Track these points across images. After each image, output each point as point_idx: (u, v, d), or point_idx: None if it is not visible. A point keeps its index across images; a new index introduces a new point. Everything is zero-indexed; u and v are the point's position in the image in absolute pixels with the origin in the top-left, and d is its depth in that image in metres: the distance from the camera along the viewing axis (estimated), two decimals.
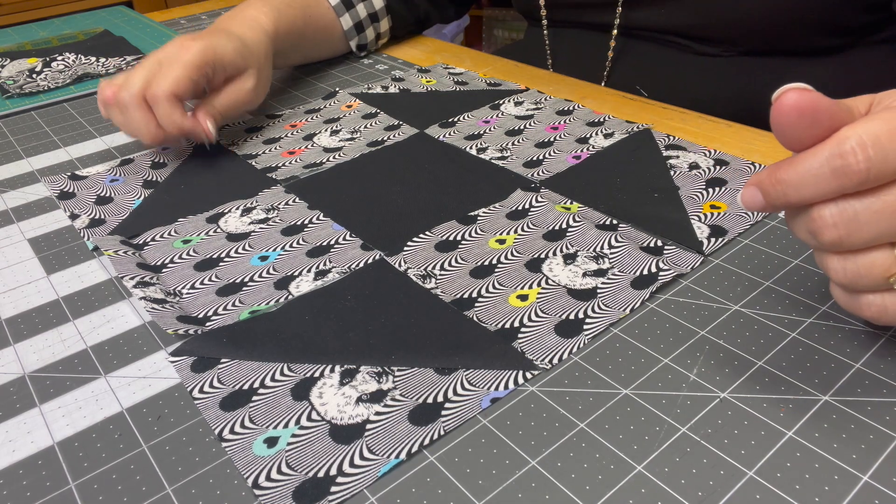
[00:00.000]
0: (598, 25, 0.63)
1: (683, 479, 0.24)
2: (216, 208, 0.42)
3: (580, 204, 0.40)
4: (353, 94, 0.58)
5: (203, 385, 0.29)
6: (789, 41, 0.54)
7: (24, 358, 0.31)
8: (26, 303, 0.35)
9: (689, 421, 0.26)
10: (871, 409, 0.26)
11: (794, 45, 0.54)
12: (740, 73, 0.56)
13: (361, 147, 0.49)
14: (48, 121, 0.57)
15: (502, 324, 0.31)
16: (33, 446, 0.27)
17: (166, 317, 0.32)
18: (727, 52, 0.56)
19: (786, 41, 0.54)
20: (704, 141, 0.46)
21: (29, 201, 0.45)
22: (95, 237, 0.39)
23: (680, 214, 0.38)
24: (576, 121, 0.50)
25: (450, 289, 0.34)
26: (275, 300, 0.34)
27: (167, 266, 0.37)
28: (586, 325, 0.31)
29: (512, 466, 0.25)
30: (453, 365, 0.29)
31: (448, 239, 0.37)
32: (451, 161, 0.46)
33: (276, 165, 0.47)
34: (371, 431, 0.26)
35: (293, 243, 0.38)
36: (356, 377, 0.29)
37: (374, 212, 0.40)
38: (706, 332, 0.30)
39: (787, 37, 0.54)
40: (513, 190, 0.41)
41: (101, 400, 0.29)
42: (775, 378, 0.28)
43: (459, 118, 0.52)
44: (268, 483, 0.24)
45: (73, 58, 0.68)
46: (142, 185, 0.45)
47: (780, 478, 0.24)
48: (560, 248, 0.36)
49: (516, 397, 0.27)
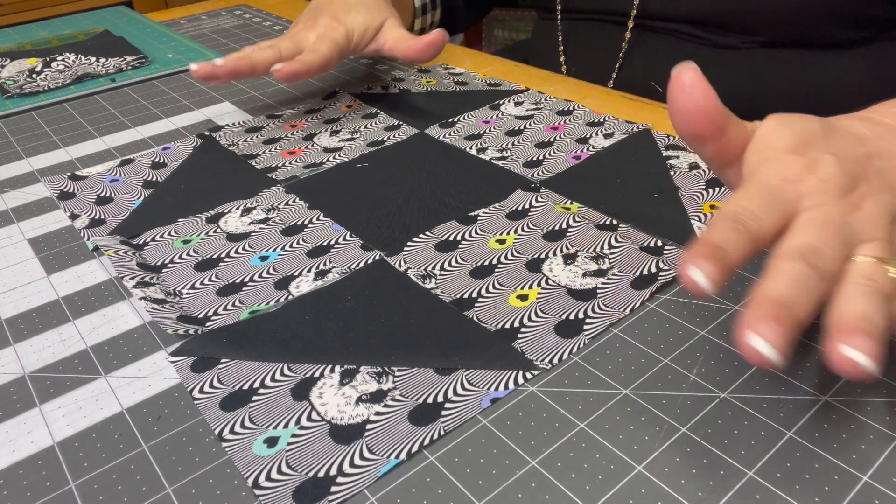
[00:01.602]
0: (613, 14, 0.62)
1: (683, 479, 0.24)
2: (216, 208, 0.42)
3: (580, 204, 0.40)
4: (353, 94, 0.58)
5: (203, 385, 0.29)
6: (810, 32, 0.53)
7: (24, 358, 0.31)
8: (26, 303, 0.35)
9: (689, 421, 0.26)
10: (871, 409, 0.26)
11: (815, 36, 0.54)
12: (759, 66, 0.55)
13: (361, 147, 0.49)
14: (48, 121, 0.57)
15: (502, 324, 0.31)
16: (33, 446, 0.27)
17: (166, 317, 0.32)
18: (746, 44, 0.55)
19: (807, 32, 0.53)
20: None
21: (29, 201, 0.45)
22: (95, 237, 0.39)
23: (680, 215, 0.38)
24: (576, 121, 0.50)
25: (450, 289, 0.34)
26: (275, 300, 0.34)
27: (167, 266, 0.37)
28: (586, 326, 0.31)
29: (512, 466, 0.25)
30: (453, 365, 0.29)
31: (448, 239, 0.37)
32: (451, 161, 0.46)
33: (276, 165, 0.47)
34: (371, 431, 0.26)
35: (293, 243, 0.38)
36: (356, 377, 0.29)
37: (374, 212, 0.40)
38: (706, 332, 0.30)
39: (809, 27, 0.53)
40: (513, 190, 0.42)
41: (101, 400, 0.29)
42: (775, 378, 0.28)
43: (459, 118, 0.52)
44: (268, 483, 0.24)
45: (73, 58, 0.68)
46: (142, 185, 0.45)
47: (780, 478, 0.24)
48: (560, 249, 0.36)
49: (516, 397, 0.27)
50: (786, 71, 0.55)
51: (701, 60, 0.59)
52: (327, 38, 0.52)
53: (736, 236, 0.24)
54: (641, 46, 0.61)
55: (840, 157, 0.27)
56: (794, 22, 0.53)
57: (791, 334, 0.21)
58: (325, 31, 0.53)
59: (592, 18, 0.65)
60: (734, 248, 0.24)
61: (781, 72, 0.55)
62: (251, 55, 0.50)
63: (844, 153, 0.28)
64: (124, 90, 0.63)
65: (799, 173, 0.27)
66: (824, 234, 0.24)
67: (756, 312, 0.22)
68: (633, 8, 0.59)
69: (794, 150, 0.28)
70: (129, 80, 0.64)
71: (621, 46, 0.61)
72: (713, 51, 0.57)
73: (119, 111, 0.58)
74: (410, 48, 0.53)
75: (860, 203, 0.26)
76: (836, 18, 0.52)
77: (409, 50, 0.53)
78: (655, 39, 0.60)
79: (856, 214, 0.26)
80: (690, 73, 0.28)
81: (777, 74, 0.55)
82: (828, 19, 0.52)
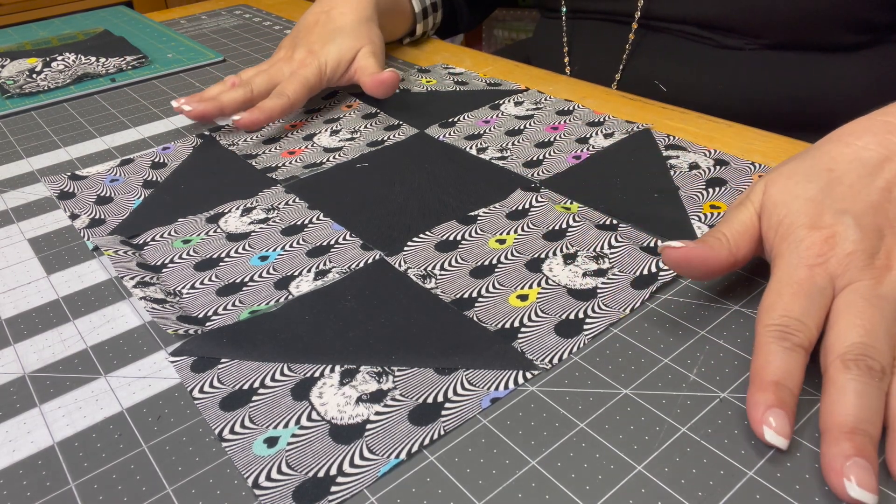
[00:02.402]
0: (618, 15, 0.62)
1: (683, 479, 0.24)
2: (216, 208, 0.42)
3: (580, 204, 0.40)
4: (353, 94, 0.58)
5: (203, 385, 0.29)
6: (814, 36, 0.54)
7: (24, 358, 0.31)
8: (26, 303, 0.35)
9: (689, 421, 0.26)
10: None
11: (819, 40, 0.54)
12: (762, 67, 0.56)
13: (361, 147, 0.49)
14: (48, 121, 0.57)
15: (502, 324, 0.31)
16: (33, 446, 0.27)
17: (166, 317, 0.32)
18: (750, 46, 0.56)
19: (811, 36, 0.54)
20: (704, 141, 0.46)
21: (29, 201, 0.45)
22: (95, 237, 0.39)
23: (680, 214, 0.38)
24: (576, 121, 0.50)
25: (450, 289, 0.34)
26: (275, 300, 0.34)
27: (167, 266, 0.37)
28: (586, 325, 0.31)
29: (512, 466, 0.25)
30: (453, 365, 0.29)
31: (448, 239, 0.37)
32: (451, 161, 0.46)
33: (276, 165, 0.47)
34: (371, 431, 0.26)
35: (293, 243, 0.38)
36: (356, 377, 0.29)
37: (374, 212, 0.40)
38: (706, 332, 0.30)
39: (813, 32, 0.53)
40: (513, 190, 0.42)
41: (101, 400, 0.29)
42: None
43: (459, 118, 0.52)
44: (268, 483, 0.24)
45: (73, 58, 0.68)
46: (142, 185, 0.45)
47: (780, 478, 0.24)
48: (560, 248, 0.36)
49: (516, 397, 0.27)
50: (790, 73, 0.55)
51: (705, 60, 0.59)
52: (298, 76, 0.52)
53: (790, 359, 0.25)
54: (646, 45, 0.61)
55: (856, 214, 0.28)
56: (798, 27, 0.53)
57: (874, 458, 0.23)
58: (298, 67, 0.54)
59: (597, 18, 0.65)
60: (793, 373, 0.25)
61: (785, 73, 0.55)
62: (221, 98, 0.51)
63: (859, 205, 0.28)
64: (124, 90, 0.63)
65: (822, 253, 0.27)
66: (868, 323, 0.25)
67: (839, 449, 0.23)
68: (638, 10, 0.59)
69: (811, 223, 0.28)
70: (129, 80, 0.64)
71: (626, 46, 0.61)
72: (717, 51, 0.57)
73: (119, 111, 0.58)
74: (365, 84, 0.54)
75: (890, 260, 0.27)
76: (840, 23, 0.53)
77: (364, 85, 0.54)
78: (660, 39, 0.60)
79: (888, 277, 0.27)
80: (675, 252, 0.30)
81: (781, 76, 0.55)
82: (832, 24, 0.53)
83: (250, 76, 0.54)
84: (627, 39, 0.61)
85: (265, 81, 0.53)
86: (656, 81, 0.60)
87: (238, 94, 0.52)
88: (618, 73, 0.62)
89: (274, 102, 0.50)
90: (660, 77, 0.60)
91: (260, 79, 0.54)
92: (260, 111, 0.50)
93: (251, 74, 0.55)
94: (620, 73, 0.62)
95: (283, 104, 0.51)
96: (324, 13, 0.58)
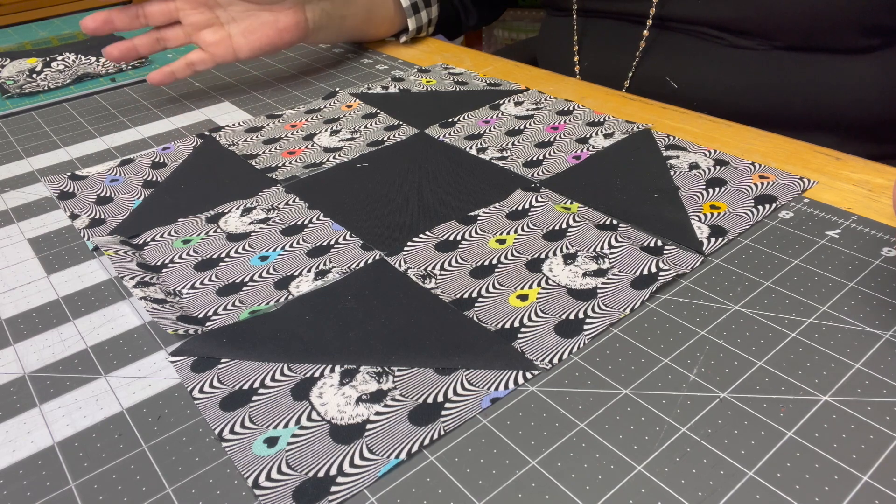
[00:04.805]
0: (631, 15, 0.62)
1: (683, 479, 0.24)
2: (216, 208, 0.42)
3: (580, 204, 0.40)
4: (353, 94, 0.58)
5: (203, 385, 0.29)
6: (825, 38, 0.54)
7: (24, 358, 0.31)
8: (26, 303, 0.35)
9: (689, 421, 0.26)
10: (871, 409, 0.26)
11: (831, 42, 0.54)
12: (773, 67, 0.56)
13: (361, 147, 0.49)
14: (48, 121, 0.57)
15: (502, 324, 0.31)
16: (33, 446, 0.27)
17: (166, 317, 0.32)
18: (762, 46, 0.56)
19: (821, 38, 0.54)
20: (704, 141, 0.46)
21: (29, 201, 0.45)
22: (95, 237, 0.39)
23: (680, 214, 0.38)
24: (576, 121, 0.50)
25: (450, 289, 0.34)
26: (275, 300, 0.34)
27: (167, 266, 0.37)
28: (586, 325, 0.31)
29: (512, 466, 0.25)
30: (453, 365, 0.29)
31: (448, 239, 0.37)
32: (451, 161, 0.46)
33: (276, 165, 0.47)
34: (371, 431, 0.26)
35: (293, 243, 0.38)
36: (356, 377, 0.29)
37: (374, 212, 0.40)
38: (706, 332, 0.30)
39: (825, 34, 0.54)
40: (513, 190, 0.42)
41: (101, 400, 0.29)
42: (775, 378, 0.28)
43: (459, 118, 0.52)
44: (268, 483, 0.24)
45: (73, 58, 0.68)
46: (142, 185, 0.45)
47: (780, 478, 0.24)
48: (560, 248, 0.36)
49: (516, 397, 0.27)
50: (801, 73, 0.55)
51: (717, 59, 0.59)
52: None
53: None
54: (659, 44, 0.61)
55: None
56: (810, 29, 0.54)
57: None
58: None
59: (609, 17, 0.65)
60: None
61: (797, 73, 0.55)
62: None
63: None
64: (124, 90, 0.63)
65: None
66: None
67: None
68: (652, 7, 0.59)
69: None
70: (129, 79, 0.64)
71: (639, 44, 0.61)
72: (730, 50, 0.57)
73: (119, 111, 0.58)
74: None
75: None
76: (852, 27, 0.53)
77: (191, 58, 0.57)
78: (673, 38, 0.60)
79: None
80: None
81: (792, 76, 0.56)
82: (843, 27, 0.53)
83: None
84: (641, 37, 0.61)
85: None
86: (667, 78, 0.60)
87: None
88: (630, 71, 0.62)
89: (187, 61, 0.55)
90: (671, 74, 0.60)
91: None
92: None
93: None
94: (634, 70, 0.62)
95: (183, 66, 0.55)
96: None
